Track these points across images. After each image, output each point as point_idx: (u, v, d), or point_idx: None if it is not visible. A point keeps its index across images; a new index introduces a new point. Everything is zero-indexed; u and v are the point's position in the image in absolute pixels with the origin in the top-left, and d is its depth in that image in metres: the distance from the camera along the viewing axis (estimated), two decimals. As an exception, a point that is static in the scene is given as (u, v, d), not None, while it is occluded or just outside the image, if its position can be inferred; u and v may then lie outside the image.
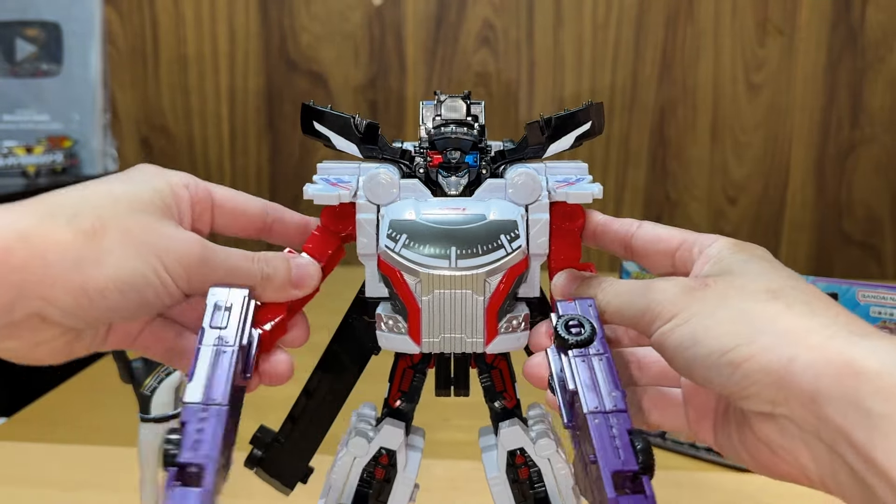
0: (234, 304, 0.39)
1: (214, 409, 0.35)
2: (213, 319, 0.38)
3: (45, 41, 1.58)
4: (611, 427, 0.34)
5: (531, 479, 0.45)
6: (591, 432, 0.34)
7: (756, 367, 0.34)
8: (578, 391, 0.35)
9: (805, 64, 1.53)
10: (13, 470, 0.78)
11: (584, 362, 0.36)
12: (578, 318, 0.38)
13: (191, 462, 0.33)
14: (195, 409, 0.35)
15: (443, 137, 0.42)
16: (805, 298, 0.35)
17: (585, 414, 0.34)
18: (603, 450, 0.33)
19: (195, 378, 0.36)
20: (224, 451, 0.35)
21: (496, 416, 0.46)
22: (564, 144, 0.43)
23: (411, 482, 0.45)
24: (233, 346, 0.37)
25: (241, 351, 0.38)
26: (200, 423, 0.35)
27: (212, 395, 0.36)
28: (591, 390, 0.35)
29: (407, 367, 0.45)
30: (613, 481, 0.32)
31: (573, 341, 0.37)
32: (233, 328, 0.38)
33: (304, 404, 0.46)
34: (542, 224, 0.41)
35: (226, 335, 0.38)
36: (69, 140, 1.56)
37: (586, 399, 0.35)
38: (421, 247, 0.39)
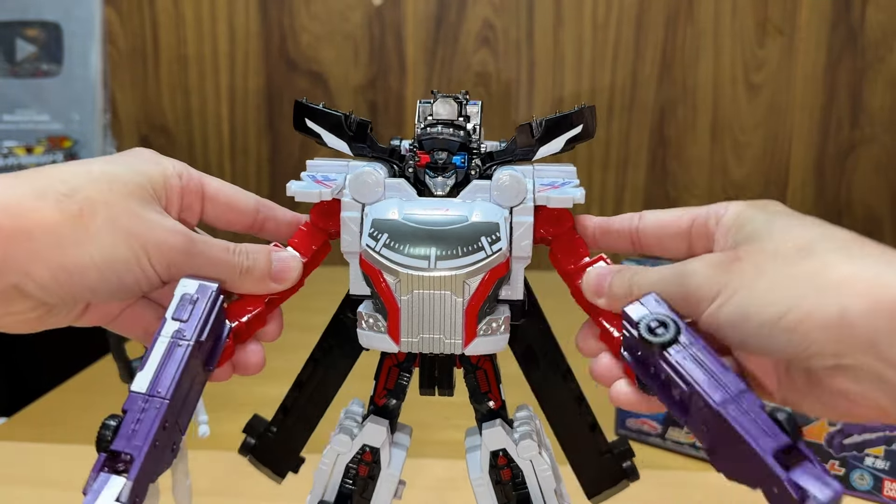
0: (201, 297, 0.39)
1: (157, 402, 0.36)
2: (176, 311, 0.38)
3: (45, 41, 1.59)
4: (746, 411, 0.34)
5: (514, 481, 0.45)
6: (731, 424, 0.33)
7: (811, 327, 0.34)
8: (697, 388, 0.35)
9: (805, 64, 1.53)
10: (13, 470, 0.78)
11: (685, 358, 0.36)
12: (657, 318, 0.37)
13: (122, 451, 0.34)
14: (138, 399, 0.36)
15: (430, 138, 0.42)
16: (837, 245, 0.36)
17: (716, 408, 0.34)
18: (752, 435, 0.33)
19: (146, 368, 0.37)
20: (166, 442, 0.36)
21: (481, 416, 0.46)
22: (555, 147, 0.42)
23: (395, 479, 0.45)
24: (189, 340, 0.37)
25: (198, 346, 0.38)
26: (140, 414, 0.35)
27: (157, 388, 0.36)
28: (709, 383, 0.35)
29: (392, 365, 0.45)
30: (777, 461, 0.32)
31: (666, 340, 0.36)
32: (193, 322, 0.38)
33: (296, 396, 0.46)
34: (526, 227, 0.41)
35: (185, 329, 0.38)
36: (69, 140, 1.56)
37: (710, 393, 0.35)
38: (401, 246, 0.39)
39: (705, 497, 0.74)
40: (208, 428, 0.61)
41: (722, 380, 0.35)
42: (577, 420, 0.45)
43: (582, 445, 0.45)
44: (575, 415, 0.45)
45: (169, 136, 1.63)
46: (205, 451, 0.67)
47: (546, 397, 0.45)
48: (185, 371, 0.37)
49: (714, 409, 0.34)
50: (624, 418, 0.85)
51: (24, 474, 0.78)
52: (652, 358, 0.37)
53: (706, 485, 0.76)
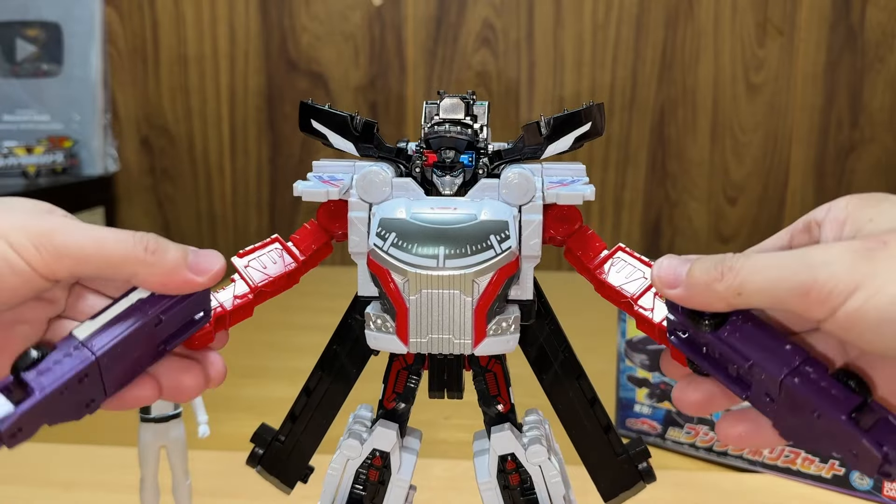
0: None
1: (84, 355, 0.34)
2: None
3: (45, 41, 1.59)
4: (812, 378, 0.33)
5: (522, 486, 0.45)
6: (799, 392, 0.33)
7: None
8: (759, 362, 0.34)
9: (805, 64, 1.53)
10: (13, 470, 0.78)
11: (740, 333, 0.35)
12: None
13: (27, 382, 0.33)
14: (72, 343, 0.35)
15: (437, 136, 0.42)
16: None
17: (781, 381, 0.33)
18: (822, 402, 0.32)
19: (98, 318, 0.36)
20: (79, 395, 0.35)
21: (490, 420, 0.45)
22: (563, 145, 0.42)
23: (406, 484, 0.45)
24: (147, 315, 0.36)
25: (155, 322, 0.36)
26: (64, 358, 0.34)
27: (93, 342, 0.35)
28: (768, 357, 0.34)
29: (401, 368, 0.45)
30: (853, 423, 0.31)
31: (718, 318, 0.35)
32: (161, 300, 0.36)
33: (304, 403, 0.46)
34: (536, 225, 0.40)
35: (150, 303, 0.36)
36: (69, 140, 1.56)
37: (771, 367, 0.33)
38: (409, 246, 0.38)
39: (705, 497, 0.74)
40: (208, 428, 0.61)
41: (782, 349, 0.34)
42: (592, 421, 0.44)
43: (597, 447, 0.44)
44: (589, 416, 0.44)
45: (169, 136, 1.63)
46: (205, 451, 0.67)
47: (559, 399, 0.44)
48: (130, 339, 0.36)
49: (779, 379, 0.33)
50: (624, 418, 0.85)
51: (24, 474, 0.78)
52: (704, 337, 0.36)
53: (706, 485, 0.76)
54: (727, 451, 0.80)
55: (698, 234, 1.60)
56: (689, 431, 0.82)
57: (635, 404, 0.84)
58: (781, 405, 0.34)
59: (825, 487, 0.74)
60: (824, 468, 0.74)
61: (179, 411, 0.60)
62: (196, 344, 0.41)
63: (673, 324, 0.38)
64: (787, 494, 0.74)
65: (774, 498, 0.74)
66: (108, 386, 0.36)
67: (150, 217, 1.66)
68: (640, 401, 0.84)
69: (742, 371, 0.35)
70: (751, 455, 0.78)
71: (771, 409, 0.35)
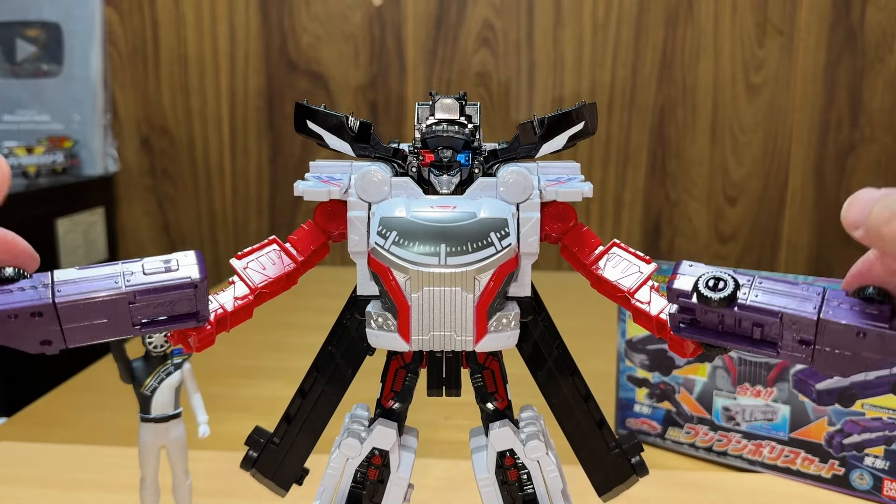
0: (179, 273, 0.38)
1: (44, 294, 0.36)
2: (151, 261, 0.38)
3: (45, 41, 1.59)
4: (840, 304, 0.35)
5: (520, 481, 0.45)
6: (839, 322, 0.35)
7: None
8: (788, 313, 0.36)
9: (805, 64, 1.53)
10: (13, 470, 0.78)
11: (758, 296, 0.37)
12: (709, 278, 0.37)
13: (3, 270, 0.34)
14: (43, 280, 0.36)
15: (434, 136, 0.42)
16: None
17: (818, 320, 0.35)
18: (862, 320, 0.34)
19: (81, 270, 0.37)
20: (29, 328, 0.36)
21: (487, 417, 0.46)
22: (557, 144, 0.42)
23: (405, 482, 0.45)
24: (123, 288, 0.37)
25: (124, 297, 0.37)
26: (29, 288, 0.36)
27: (62, 288, 0.36)
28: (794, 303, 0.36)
29: (399, 367, 0.45)
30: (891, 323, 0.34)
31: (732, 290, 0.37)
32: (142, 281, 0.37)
33: (299, 404, 0.46)
34: (534, 223, 0.41)
35: (134, 278, 0.37)
36: (70, 140, 1.56)
37: (803, 310, 0.36)
38: (411, 244, 0.39)
39: (705, 497, 0.74)
40: (208, 428, 0.61)
41: (800, 292, 0.36)
42: (586, 416, 0.45)
43: (591, 442, 0.45)
44: (583, 411, 0.45)
45: (169, 136, 1.63)
46: (205, 451, 0.67)
47: (553, 395, 0.45)
48: (99, 304, 0.36)
49: (815, 319, 0.35)
50: (624, 418, 0.85)
51: (24, 474, 0.78)
52: (717, 316, 0.37)
53: (706, 485, 0.76)
54: (727, 451, 0.80)
55: (698, 234, 1.60)
56: (689, 431, 0.82)
57: (635, 404, 0.84)
58: (821, 343, 0.36)
59: (825, 487, 0.74)
60: (824, 468, 0.74)
61: (179, 411, 0.60)
62: (197, 346, 0.41)
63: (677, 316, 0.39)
64: (787, 494, 0.74)
65: (774, 498, 0.74)
66: (68, 336, 0.37)
67: (150, 217, 1.66)
68: (640, 401, 0.84)
69: (768, 330, 0.37)
70: (751, 455, 0.79)
71: (807, 354, 0.36)
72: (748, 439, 0.78)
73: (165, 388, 0.58)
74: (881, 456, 0.72)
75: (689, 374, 0.81)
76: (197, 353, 0.42)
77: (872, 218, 0.33)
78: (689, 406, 0.82)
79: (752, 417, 0.78)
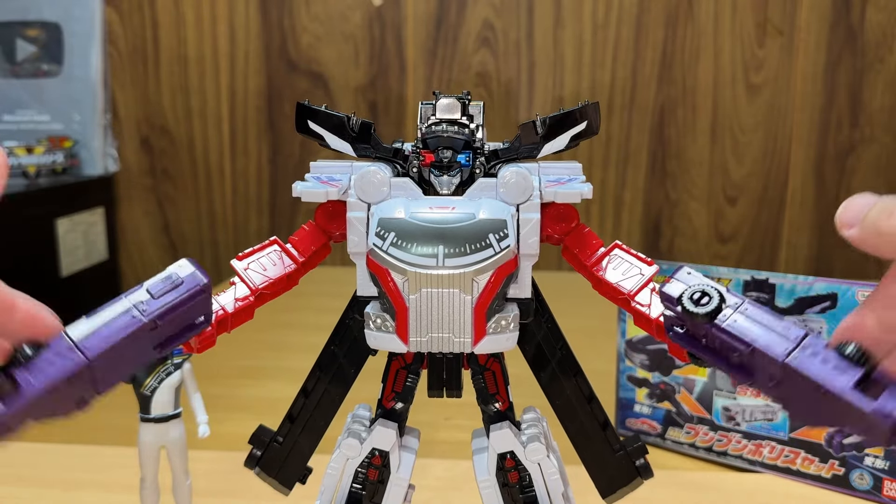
0: (183, 285, 0.37)
1: (76, 357, 0.34)
2: (156, 284, 0.37)
3: (45, 41, 1.59)
4: (813, 354, 0.33)
5: (521, 483, 0.45)
6: (802, 371, 0.33)
7: None
8: (758, 346, 0.34)
9: (805, 64, 1.53)
10: (13, 470, 0.78)
11: (737, 320, 0.35)
12: (696, 290, 0.36)
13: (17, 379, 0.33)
14: (64, 344, 0.35)
15: (434, 136, 0.42)
16: None
17: (783, 363, 0.33)
18: (826, 377, 0.32)
19: (91, 318, 0.36)
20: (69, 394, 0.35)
21: (488, 418, 0.45)
22: (559, 144, 0.42)
23: (405, 483, 0.45)
24: (144, 318, 0.36)
25: (151, 326, 0.36)
26: (56, 358, 0.34)
27: (87, 344, 0.35)
28: (768, 337, 0.34)
29: (400, 367, 0.45)
30: (862, 394, 0.31)
31: (713, 308, 0.35)
32: (159, 304, 0.36)
33: (302, 404, 0.46)
34: (534, 224, 0.41)
35: (149, 305, 0.36)
36: (70, 140, 1.56)
37: (773, 347, 0.34)
38: (409, 245, 0.38)
39: (705, 497, 0.74)
40: (208, 428, 0.61)
41: (780, 330, 0.34)
42: (589, 418, 0.44)
43: (594, 444, 0.44)
44: (587, 413, 0.44)
45: (169, 136, 1.63)
46: (205, 451, 0.67)
47: (557, 396, 0.45)
48: (124, 343, 0.35)
49: (780, 361, 0.33)
50: (624, 418, 0.85)
51: (24, 474, 0.78)
52: (702, 329, 0.36)
53: (706, 485, 0.76)
54: (727, 451, 0.80)
55: (698, 234, 1.60)
56: (689, 431, 0.82)
57: (635, 404, 0.84)
58: (786, 387, 0.34)
59: (825, 487, 0.74)
60: (824, 468, 0.74)
61: (179, 411, 0.60)
62: (198, 347, 0.41)
63: (670, 319, 0.38)
64: (787, 494, 0.74)
65: (774, 498, 0.74)
66: (99, 385, 0.36)
67: (150, 217, 1.66)
68: (640, 401, 0.84)
69: (744, 358, 0.35)
70: (751, 455, 0.79)
71: (776, 393, 0.35)
72: (748, 439, 0.78)
73: (165, 388, 0.58)
74: (881, 456, 0.71)
75: (689, 374, 0.81)
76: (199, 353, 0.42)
77: (872, 215, 0.33)
78: (689, 406, 0.82)
79: (752, 417, 0.78)
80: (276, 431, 0.46)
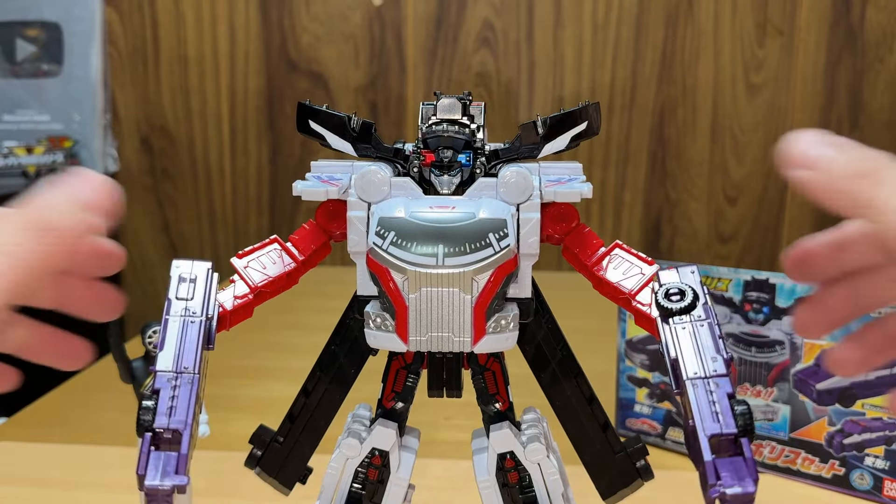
0: (199, 276, 0.40)
1: (187, 377, 0.37)
2: (178, 291, 0.39)
3: (45, 41, 1.59)
4: (710, 392, 0.34)
5: (521, 484, 0.45)
6: (689, 398, 0.34)
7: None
8: (679, 358, 0.36)
9: (805, 64, 1.53)
10: (13, 470, 0.78)
11: (684, 329, 0.37)
12: (679, 287, 0.38)
13: (167, 428, 0.35)
14: (168, 377, 0.37)
15: (434, 136, 0.42)
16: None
17: (685, 380, 0.35)
18: (701, 415, 0.34)
19: (166, 347, 0.38)
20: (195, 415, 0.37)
21: (489, 418, 0.45)
22: (560, 144, 0.42)
23: (405, 483, 0.45)
24: (200, 316, 0.39)
25: (208, 321, 0.39)
26: (174, 391, 0.36)
27: (183, 364, 0.37)
28: (691, 357, 0.36)
29: (400, 367, 0.45)
30: (711, 445, 0.33)
31: (675, 308, 0.37)
32: (199, 299, 0.39)
33: (303, 404, 0.46)
34: (534, 223, 0.41)
35: (193, 306, 0.39)
36: (69, 140, 1.56)
37: (686, 365, 0.36)
38: (409, 244, 0.38)
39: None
40: (208, 428, 0.61)
41: (706, 357, 0.36)
42: (590, 420, 0.44)
43: (595, 445, 0.44)
44: (587, 414, 0.44)
45: (169, 136, 1.63)
46: (205, 451, 0.66)
47: (557, 397, 0.44)
48: (202, 346, 0.38)
49: (682, 379, 0.35)
50: (624, 418, 0.85)
51: (24, 474, 0.78)
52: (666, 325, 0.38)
53: (706, 485, 0.76)
54: (727, 451, 0.80)
55: (698, 234, 1.60)
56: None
57: (635, 404, 0.84)
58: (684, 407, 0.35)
59: (825, 487, 0.74)
60: (824, 468, 0.74)
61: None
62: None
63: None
64: (787, 494, 0.74)
65: (774, 498, 0.74)
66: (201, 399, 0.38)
67: (150, 217, 1.66)
68: (640, 401, 0.84)
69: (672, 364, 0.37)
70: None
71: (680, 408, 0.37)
72: (748, 439, 0.78)
73: (165, 388, 0.58)
74: (881, 456, 0.71)
75: (689, 374, 0.81)
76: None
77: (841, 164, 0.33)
78: (689, 406, 0.82)
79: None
80: (276, 431, 0.46)
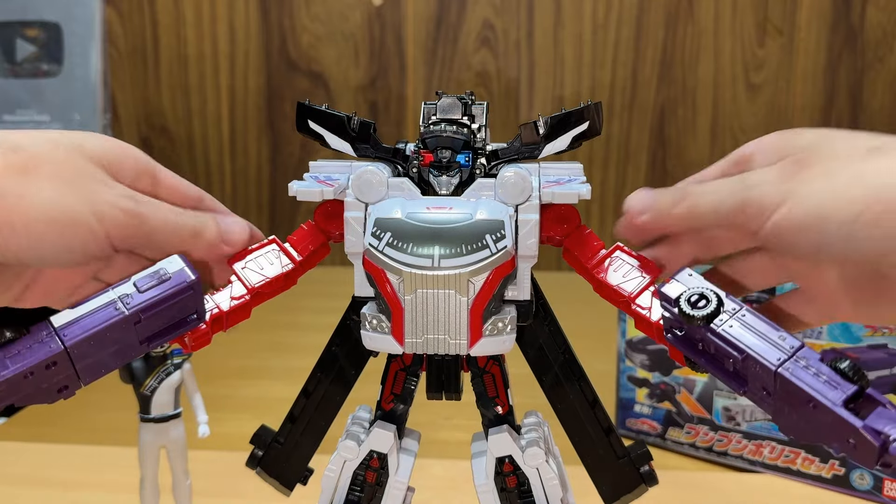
0: (171, 281, 0.38)
1: (54, 343, 0.35)
2: (143, 278, 0.38)
3: (45, 41, 1.59)
4: (807, 367, 0.33)
5: (520, 489, 0.44)
6: (794, 382, 0.33)
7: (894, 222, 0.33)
8: (752, 353, 0.34)
9: (805, 64, 1.53)
10: (13, 470, 0.78)
11: (733, 326, 0.35)
12: (695, 293, 0.36)
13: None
14: (45, 330, 0.35)
15: (433, 136, 0.42)
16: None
17: (776, 371, 0.33)
18: (818, 390, 0.32)
19: (76, 308, 0.36)
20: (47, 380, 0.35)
21: (488, 422, 0.45)
22: (561, 145, 0.42)
23: (403, 486, 0.44)
24: (126, 311, 0.36)
25: (132, 319, 0.37)
26: (34, 343, 0.35)
27: (66, 331, 0.36)
28: (763, 346, 0.34)
29: (399, 369, 0.45)
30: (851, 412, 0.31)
31: (710, 312, 0.36)
32: (143, 298, 0.37)
33: (303, 404, 0.46)
34: (532, 225, 0.40)
35: (132, 299, 0.37)
36: (69, 140, 1.56)
37: (767, 356, 0.34)
38: (405, 245, 0.38)
39: (705, 497, 0.74)
40: (208, 428, 0.61)
41: (775, 340, 0.34)
42: (593, 424, 0.44)
43: (598, 450, 0.44)
44: (590, 418, 0.44)
45: (169, 136, 1.63)
46: (205, 451, 0.67)
47: (560, 401, 0.44)
48: (105, 333, 0.36)
49: (773, 370, 0.33)
50: (624, 419, 0.85)
51: (24, 474, 0.78)
52: (698, 333, 0.36)
53: (706, 485, 0.76)
54: (727, 451, 0.80)
55: (698, 234, 1.60)
56: (689, 431, 0.82)
57: (635, 404, 0.84)
58: (778, 398, 0.34)
59: (825, 487, 0.74)
60: (824, 468, 0.74)
61: (179, 411, 0.60)
62: (192, 345, 0.41)
63: (669, 321, 0.38)
64: (787, 494, 0.74)
65: (774, 498, 0.74)
66: (82, 374, 0.36)
67: (150, 217, 1.66)
68: (641, 401, 0.84)
69: (738, 364, 0.35)
70: (751, 455, 0.78)
71: (769, 403, 0.35)
72: (748, 439, 0.78)
73: (165, 388, 0.58)
74: (881, 456, 0.71)
75: (689, 375, 0.81)
76: (192, 352, 0.42)
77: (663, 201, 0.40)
78: (689, 406, 0.82)
79: (752, 417, 0.78)
80: (276, 432, 0.46)
